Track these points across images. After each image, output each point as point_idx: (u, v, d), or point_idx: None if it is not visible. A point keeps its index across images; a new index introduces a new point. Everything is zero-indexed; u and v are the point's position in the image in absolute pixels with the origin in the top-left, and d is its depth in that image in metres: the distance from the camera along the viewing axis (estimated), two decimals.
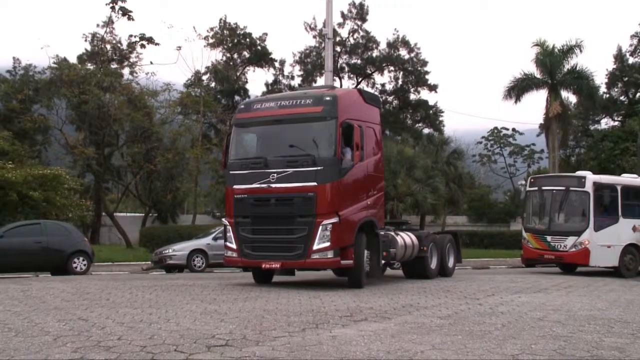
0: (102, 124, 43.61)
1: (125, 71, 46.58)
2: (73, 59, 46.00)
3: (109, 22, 45.80)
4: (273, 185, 14.88)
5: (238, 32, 55.24)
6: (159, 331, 8.96)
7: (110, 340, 8.29)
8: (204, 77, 50.98)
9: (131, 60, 46.63)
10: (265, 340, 8.35)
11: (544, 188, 26.61)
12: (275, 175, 14.82)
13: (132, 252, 38.40)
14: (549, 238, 25.25)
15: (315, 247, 14.35)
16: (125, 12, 45.21)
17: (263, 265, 15.07)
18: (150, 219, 48.45)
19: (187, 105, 46.43)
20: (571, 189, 25.20)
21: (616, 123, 59.25)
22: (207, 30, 50.70)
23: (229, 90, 56.25)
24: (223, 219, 16.60)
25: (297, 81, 60.77)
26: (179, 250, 26.52)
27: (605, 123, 61.30)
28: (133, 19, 45.66)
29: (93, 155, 42.39)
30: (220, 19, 53.85)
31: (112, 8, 45.27)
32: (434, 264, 19.39)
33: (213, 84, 53.78)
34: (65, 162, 42.84)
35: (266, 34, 57.89)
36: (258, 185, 15.06)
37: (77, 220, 34.63)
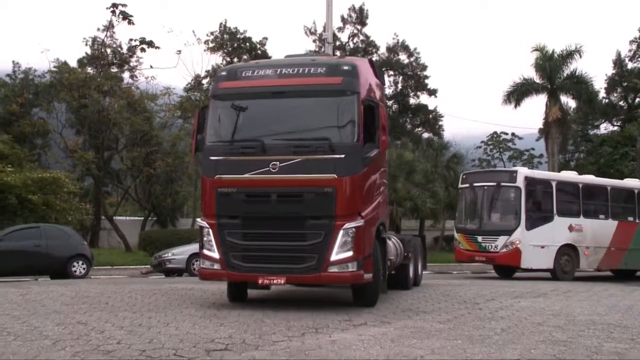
0: (101, 128, 43.62)
1: (125, 75, 46.55)
2: (73, 63, 46.02)
3: (110, 26, 45.70)
4: (276, 177, 11.40)
5: (238, 36, 55.25)
6: (159, 335, 8.97)
7: (110, 344, 8.30)
8: (204, 81, 50.89)
9: (131, 64, 46.54)
10: (264, 344, 8.37)
11: (475, 184, 25.50)
12: (277, 163, 11.31)
13: (131, 256, 38.43)
14: (479, 238, 24.24)
15: (334, 257, 11.07)
16: (125, 16, 45.05)
17: (260, 281, 11.40)
18: (149, 223, 48.48)
19: (187, 109, 46.06)
20: (502, 184, 24.12)
21: (615, 128, 59.35)
22: (207, 35, 50.82)
23: None
24: (198, 220, 12.69)
25: None
26: (178, 254, 26.50)
27: (605, 128, 61.42)
28: (133, 23, 45.50)
29: (92, 159, 42.39)
30: (220, 24, 53.94)
31: (113, 12, 45.06)
32: (411, 272, 17.12)
33: None
34: (65, 166, 42.98)
35: (266, 38, 57.77)
36: (254, 176, 11.52)
37: (77, 224, 34.69)
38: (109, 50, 46.49)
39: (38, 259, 22.65)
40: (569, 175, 27.73)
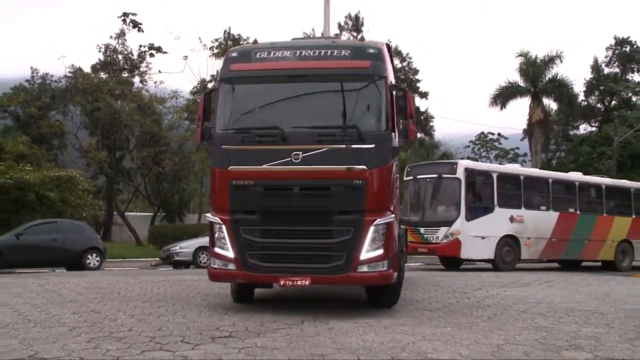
0: (113, 129, 43.82)
1: (136, 80, 46.67)
2: (87, 69, 46.18)
3: (121, 34, 45.80)
4: (299, 168, 9.66)
5: (241, 42, 55.18)
6: (167, 323, 9.00)
7: (122, 332, 8.34)
8: (209, 85, 50.87)
9: (141, 69, 46.63)
10: (266, 332, 8.38)
11: (418, 177, 24.42)
12: (300, 153, 9.56)
13: (141, 249, 38.47)
14: (422, 230, 23.25)
15: (364, 256, 9.48)
16: (135, 25, 45.19)
17: (282, 282, 9.61)
18: (158, 218, 48.53)
19: (193, 111, 46.40)
20: (443, 176, 23.02)
21: (593, 129, 59.42)
22: (212, 41, 50.57)
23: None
24: (208, 215, 10.51)
25: None
26: (185, 247, 26.52)
27: (584, 129, 61.59)
28: (143, 31, 45.63)
29: (105, 158, 42.70)
30: (225, 30, 53.86)
31: (124, 21, 45.26)
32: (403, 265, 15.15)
33: None
34: (80, 165, 43.09)
35: None
36: (274, 168, 9.70)
37: (91, 219, 34.72)
38: (120, 57, 46.59)
39: (55, 252, 22.78)
40: (511, 167, 27.14)
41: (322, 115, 10.22)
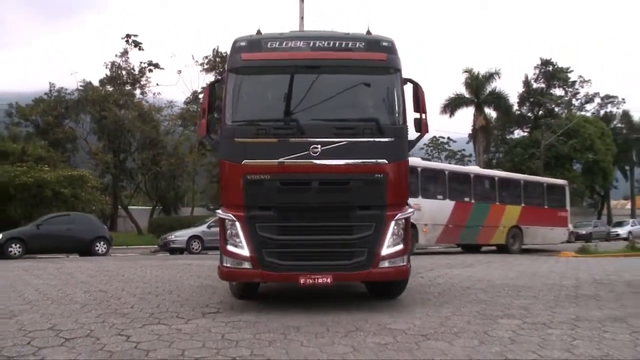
0: (118, 135, 43.98)
1: (137, 92, 46.53)
2: (96, 83, 46.06)
3: (124, 53, 45.79)
4: (319, 162, 8.10)
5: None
6: (164, 301, 9.06)
7: (125, 308, 8.40)
8: (200, 96, 50.70)
9: (141, 82, 46.48)
10: (249, 309, 8.43)
11: None
12: (318, 147, 8.05)
13: (142, 238, 38.33)
14: None
15: (385, 251, 8.17)
16: (136, 44, 45.39)
17: (302, 280, 7.98)
18: (156, 211, 48.26)
19: (186, 118, 46.80)
20: None
21: (525, 134, 60.05)
22: (203, 58, 50.39)
23: (220, 107, 55.92)
24: (219, 212, 8.52)
25: None
26: (180, 236, 26.49)
27: (518, 133, 62.16)
28: (143, 49, 45.76)
29: (111, 160, 43.04)
30: (214, 49, 53.44)
31: (127, 41, 45.47)
32: None
33: None
34: (89, 166, 42.98)
35: None
36: (293, 161, 8.06)
37: (99, 212, 34.56)
38: (124, 72, 46.35)
39: (69, 240, 22.72)
40: (410, 160, 26.02)
41: (339, 107, 8.64)
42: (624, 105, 66.88)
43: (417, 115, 8.66)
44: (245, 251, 8.05)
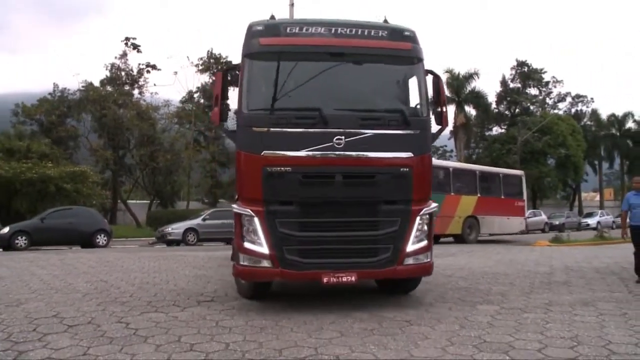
0: (117, 132, 44.00)
1: (135, 91, 46.54)
2: (96, 83, 45.92)
3: (123, 55, 45.80)
4: (343, 154, 7.28)
5: (221, 60, 54.72)
6: (161, 290, 9.03)
7: (125, 297, 8.37)
8: (195, 95, 50.54)
9: (140, 83, 46.45)
10: (242, 297, 8.36)
11: None
12: (342, 138, 7.24)
13: (140, 231, 38.26)
14: None
15: (410, 247, 7.45)
16: (135, 47, 45.45)
17: (326, 279, 7.13)
18: (154, 205, 48.16)
19: (182, 117, 47.02)
20: None
21: (503, 130, 60.35)
22: (198, 59, 50.28)
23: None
24: (234, 207, 7.50)
25: None
26: (176, 228, 26.35)
27: (496, 130, 62.49)
28: (141, 51, 45.96)
29: (110, 156, 43.05)
30: (208, 51, 53.13)
31: (126, 44, 45.49)
32: None
33: (202, 101, 53.31)
34: (90, 162, 42.92)
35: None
36: (316, 153, 7.23)
37: (99, 206, 34.54)
38: (123, 73, 46.30)
39: (71, 233, 22.54)
40: None
41: (363, 97, 7.94)
42: (592, 104, 67.73)
43: (438, 107, 7.95)
44: (264, 249, 7.15)
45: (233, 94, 8.08)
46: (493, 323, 6.68)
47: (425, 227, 7.60)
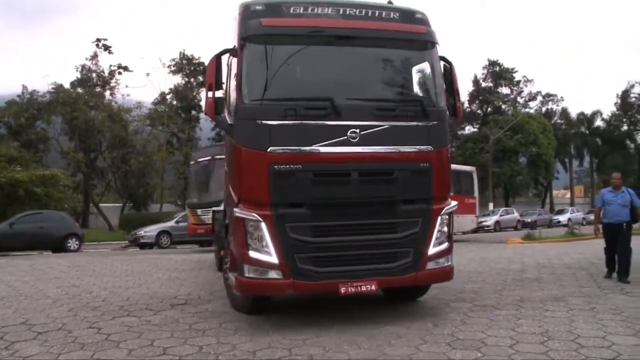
0: (88, 135, 43.48)
1: (107, 93, 46.10)
2: (67, 85, 45.34)
3: (94, 56, 45.30)
4: (359, 150, 6.50)
5: (194, 61, 54.43)
6: (134, 294, 8.95)
7: (97, 302, 8.27)
8: (168, 97, 50.24)
9: (111, 84, 46.01)
10: (216, 299, 8.41)
11: (199, 160, 20.59)
12: (357, 131, 6.45)
13: (113, 234, 37.86)
14: (199, 211, 19.19)
15: (432, 250, 6.78)
16: (106, 48, 44.93)
17: (343, 289, 6.33)
18: (127, 208, 47.70)
19: (155, 119, 46.73)
20: (216, 157, 18.70)
21: (475, 129, 61.02)
22: (170, 61, 50.02)
23: (187, 107, 55.36)
24: (236, 210, 6.49)
25: None
26: (149, 231, 26.12)
27: (468, 129, 63.06)
28: (112, 53, 45.39)
29: (82, 159, 42.59)
30: (180, 52, 52.89)
31: (97, 45, 44.94)
32: None
33: (174, 102, 53.00)
34: (61, 165, 42.30)
35: None
36: (330, 149, 6.41)
37: (71, 210, 34.00)
38: (94, 75, 45.83)
39: (42, 237, 22.21)
40: None
41: (377, 85, 7.13)
42: (562, 103, 68.98)
43: (451, 97, 7.25)
44: (273, 258, 6.26)
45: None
46: (466, 320, 6.75)
47: (446, 228, 6.94)
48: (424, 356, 5.30)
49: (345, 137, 6.41)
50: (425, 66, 7.14)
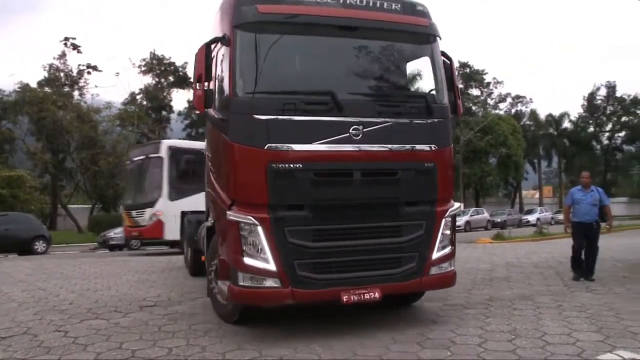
0: (56, 135, 42.80)
1: (75, 93, 45.48)
2: (34, 84, 44.73)
3: (62, 55, 44.63)
4: (362, 146, 6.11)
5: (164, 61, 54.04)
6: (102, 297, 8.84)
7: (64, 305, 8.15)
8: (138, 97, 49.86)
9: (80, 84, 45.43)
10: (185, 300, 8.36)
11: (133, 159, 19.81)
12: (360, 128, 6.07)
13: (82, 236, 37.39)
14: (134, 213, 18.54)
15: (436, 255, 6.42)
16: (75, 47, 44.27)
17: (346, 298, 5.91)
18: (96, 209, 47.22)
19: (125, 119, 46.33)
20: (150, 156, 18.28)
21: None
22: (140, 61, 49.65)
23: (157, 107, 55.02)
24: (229, 213, 5.90)
25: None
26: (119, 233, 25.67)
27: None
28: (81, 52, 44.76)
29: (49, 160, 41.88)
30: (151, 52, 52.57)
31: (65, 44, 44.27)
32: None
33: (145, 102, 52.56)
34: (28, 166, 41.81)
35: (187, 63, 56.61)
36: (332, 147, 6.00)
37: (38, 212, 33.57)
38: (62, 74, 45.17)
39: (8, 240, 21.86)
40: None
41: (379, 80, 6.79)
42: (531, 105, 70.16)
43: (451, 94, 6.87)
44: (270, 264, 5.78)
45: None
46: (436, 320, 6.81)
47: (449, 231, 6.58)
48: (394, 356, 5.33)
49: (348, 134, 6.03)
50: (428, 61, 6.80)
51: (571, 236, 10.45)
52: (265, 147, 5.79)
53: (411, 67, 7.01)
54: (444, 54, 6.90)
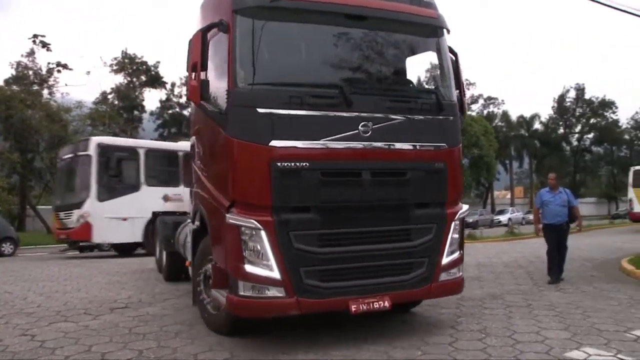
0: (25, 134, 41.67)
1: (45, 92, 44.60)
2: (0, 82, 43.61)
3: (31, 53, 43.76)
4: (371, 144, 5.69)
5: (136, 60, 53.46)
6: (72, 299, 8.73)
7: (31, 308, 8.03)
8: (109, 96, 49.25)
9: (49, 82, 44.59)
10: (156, 302, 8.31)
11: (63, 157, 18.77)
12: (369, 124, 5.65)
13: (52, 238, 36.62)
14: (62, 214, 17.69)
15: (445, 260, 6.04)
16: (44, 45, 43.39)
17: (354, 307, 5.46)
18: None
19: (96, 118, 45.52)
20: (78, 154, 17.27)
21: None
22: (112, 59, 49.02)
23: (129, 107, 54.41)
24: (229, 217, 5.33)
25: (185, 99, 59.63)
26: None
27: None
28: (51, 50, 43.98)
29: (18, 159, 40.77)
30: (122, 51, 51.95)
31: (34, 41, 43.35)
32: None
33: (116, 102, 51.95)
34: None
35: (159, 62, 56.59)
36: (340, 144, 5.56)
37: (6, 213, 32.90)
38: (30, 72, 44.33)
39: None
40: (167, 144, 21.25)
41: (388, 73, 6.41)
42: (503, 106, 71.13)
43: (458, 91, 6.51)
44: (274, 272, 5.30)
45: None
46: (407, 320, 6.86)
47: (457, 235, 6.22)
48: (366, 356, 5.35)
49: (357, 131, 5.60)
50: (439, 54, 6.41)
51: (544, 239, 10.37)
52: (270, 144, 5.32)
53: (419, 61, 6.64)
54: (450, 48, 6.56)
